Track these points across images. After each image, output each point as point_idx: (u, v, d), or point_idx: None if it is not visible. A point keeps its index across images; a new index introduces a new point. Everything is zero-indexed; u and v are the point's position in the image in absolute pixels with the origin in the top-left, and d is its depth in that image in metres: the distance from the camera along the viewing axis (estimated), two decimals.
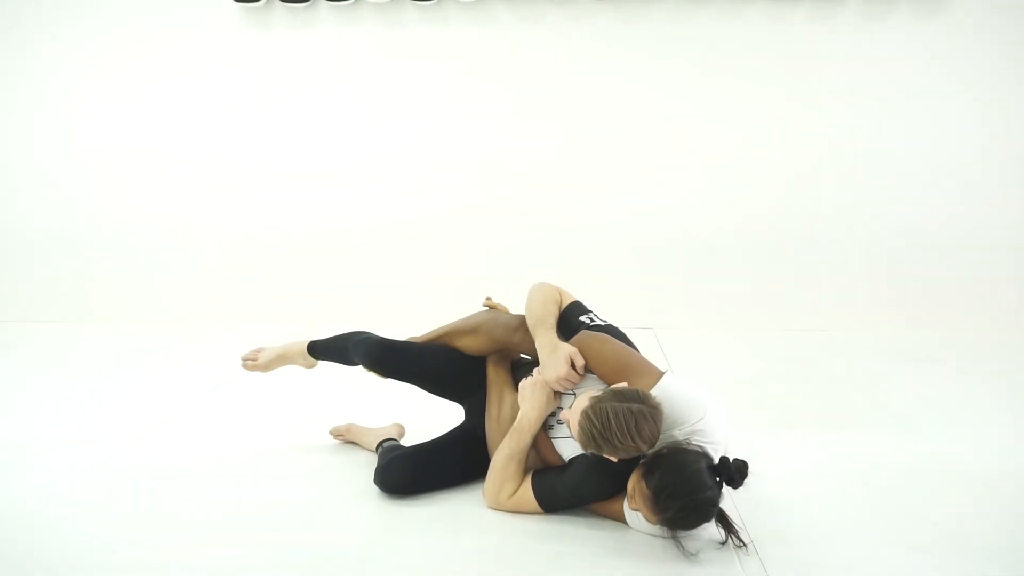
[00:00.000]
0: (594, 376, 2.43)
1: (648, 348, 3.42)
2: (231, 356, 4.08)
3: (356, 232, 5.08)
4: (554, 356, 2.40)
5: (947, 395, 3.66)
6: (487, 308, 2.92)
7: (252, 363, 3.03)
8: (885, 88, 4.76)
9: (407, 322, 3.54)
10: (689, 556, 2.17)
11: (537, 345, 2.48)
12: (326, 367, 3.04)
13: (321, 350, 2.93)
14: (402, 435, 2.98)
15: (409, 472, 2.56)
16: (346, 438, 3.05)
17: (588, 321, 2.59)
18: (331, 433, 3.08)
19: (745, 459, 2.19)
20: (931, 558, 2.20)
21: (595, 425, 2.11)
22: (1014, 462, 2.87)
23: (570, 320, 2.61)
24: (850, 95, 4.78)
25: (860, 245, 4.90)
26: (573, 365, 2.39)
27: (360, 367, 2.78)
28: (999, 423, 3.29)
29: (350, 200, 5.06)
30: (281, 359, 3.00)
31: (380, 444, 2.83)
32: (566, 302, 2.66)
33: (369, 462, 2.81)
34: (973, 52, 4.70)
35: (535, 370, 2.46)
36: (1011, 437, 3.13)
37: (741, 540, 2.18)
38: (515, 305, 2.93)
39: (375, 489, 2.60)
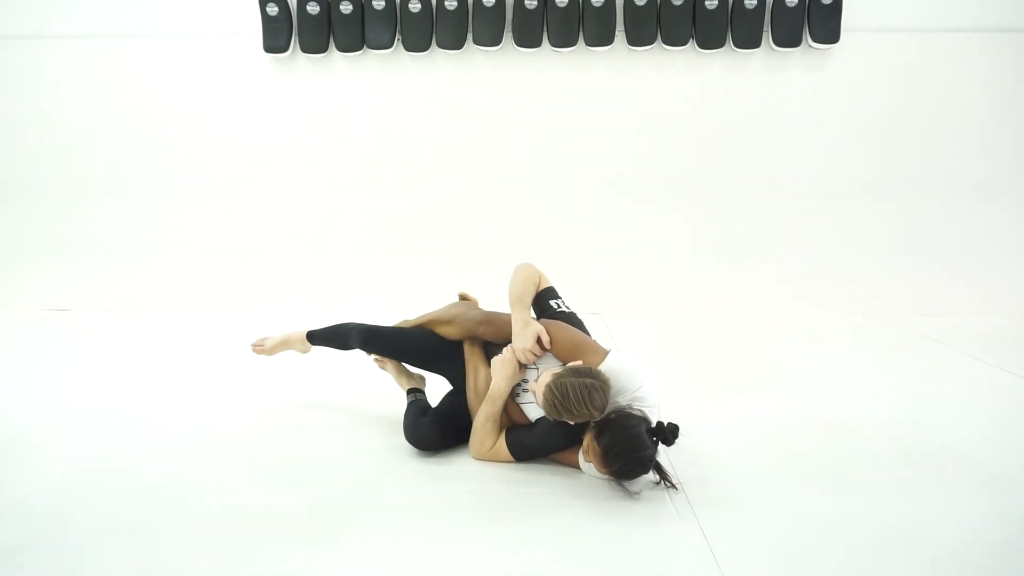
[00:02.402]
0: (551, 354, 2.40)
1: (598, 329, 3.42)
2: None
3: (361, 233, 5.01)
4: (525, 331, 2.37)
5: (826, 366, 3.69)
6: (461, 300, 2.90)
7: (259, 348, 2.94)
8: (782, 124, 4.80)
9: (406, 305, 3.49)
10: (632, 495, 2.17)
11: (512, 320, 2.44)
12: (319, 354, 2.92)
13: (319, 337, 2.84)
14: (424, 384, 2.87)
15: (439, 435, 2.49)
16: (381, 365, 2.92)
17: (556, 307, 2.57)
18: (375, 359, 2.93)
19: (677, 423, 2.19)
20: (817, 491, 2.24)
21: (556, 396, 2.11)
22: (876, 414, 2.92)
23: (542, 302, 2.58)
24: (756, 129, 4.81)
25: (764, 249, 4.92)
26: (539, 341, 2.37)
27: (357, 351, 2.73)
28: (866, 386, 3.32)
29: (359, 208, 4.98)
30: (283, 345, 2.90)
31: (412, 391, 2.76)
32: (543, 285, 2.62)
33: (381, 422, 2.77)
34: (850, 95, 4.76)
35: (504, 348, 2.43)
36: (875, 396, 3.17)
37: (672, 484, 2.19)
38: (484, 298, 2.92)
39: (383, 444, 2.56)
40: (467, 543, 1.93)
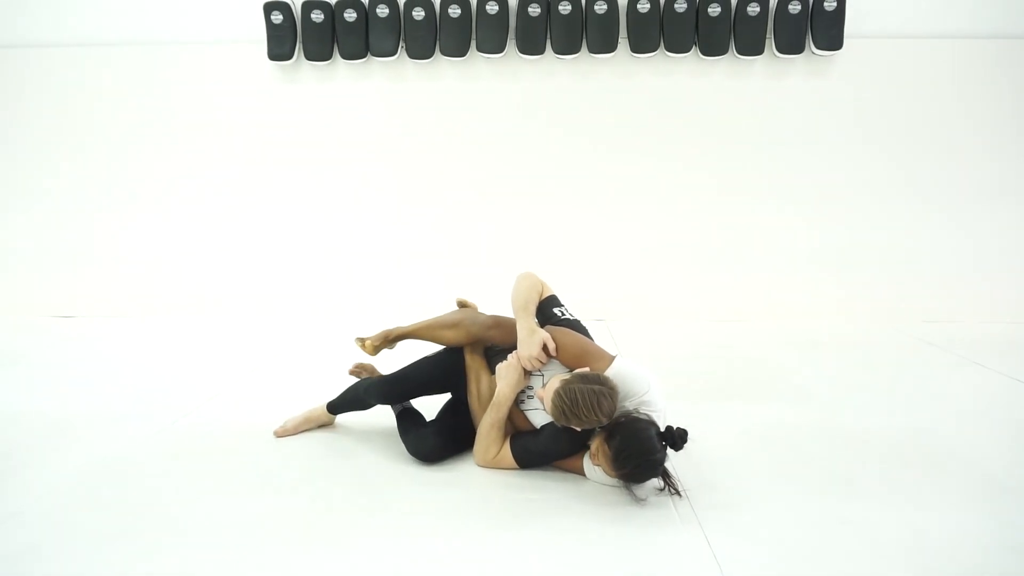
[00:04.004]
0: (557, 361, 2.41)
1: (602, 335, 3.42)
2: (269, 343, 4.03)
3: (364, 239, 5.03)
4: (531, 339, 2.38)
5: (829, 371, 3.68)
6: (460, 306, 2.89)
7: (283, 431, 2.79)
8: (785, 131, 4.81)
9: (409, 311, 3.48)
10: (639, 501, 2.17)
11: (518, 327, 2.44)
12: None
13: (340, 406, 2.79)
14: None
15: (443, 447, 2.49)
16: (358, 373, 3.01)
17: (559, 314, 2.57)
18: (350, 370, 3.03)
19: (685, 428, 2.19)
20: (820, 496, 2.24)
21: (565, 402, 2.12)
22: (881, 420, 2.92)
23: (545, 310, 2.58)
24: (758, 135, 4.82)
25: (767, 256, 4.93)
26: (545, 349, 2.37)
27: (376, 407, 2.70)
28: (869, 392, 3.32)
29: (362, 213, 5.00)
30: (306, 422, 2.81)
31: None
32: (546, 294, 2.63)
33: (383, 428, 2.76)
34: (852, 102, 4.77)
35: (510, 355, 2.43)
36: (876, 402, 3.17)
37: (677, 490, 2.18)
38: (486, 304, 2.92)
39: (386, 450, 2.56)
40: (471, 548, 1.93)
